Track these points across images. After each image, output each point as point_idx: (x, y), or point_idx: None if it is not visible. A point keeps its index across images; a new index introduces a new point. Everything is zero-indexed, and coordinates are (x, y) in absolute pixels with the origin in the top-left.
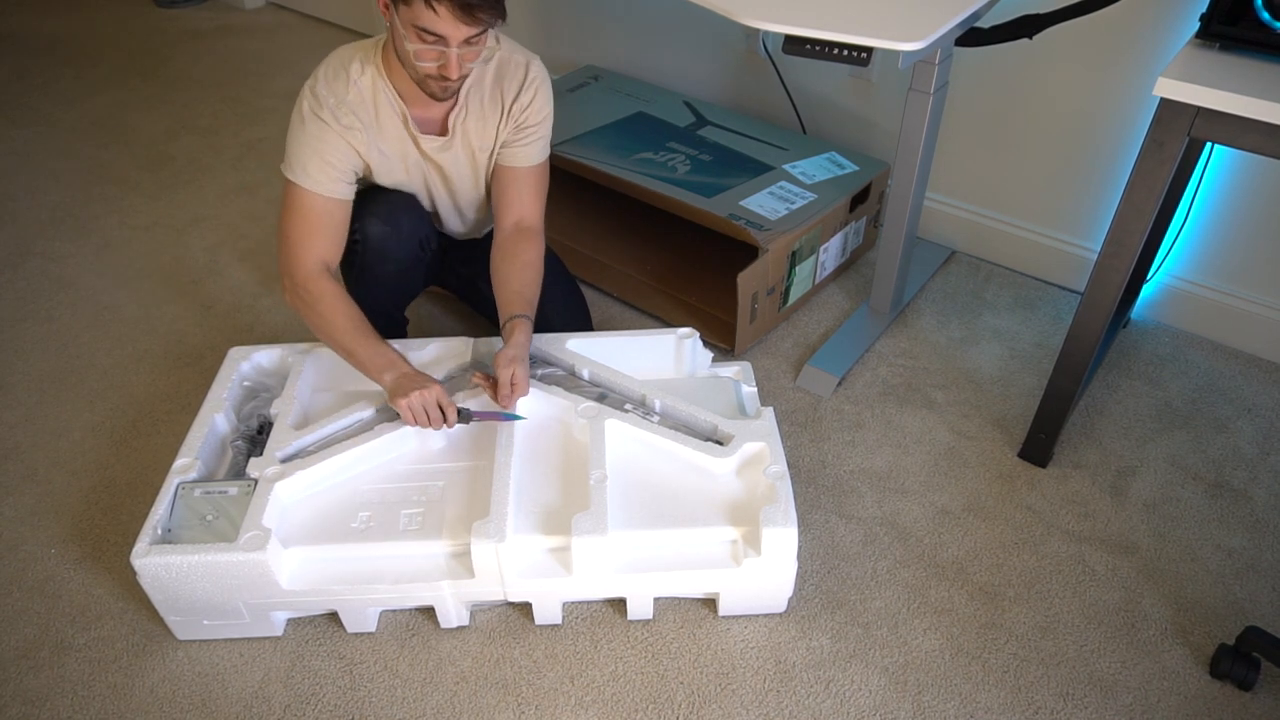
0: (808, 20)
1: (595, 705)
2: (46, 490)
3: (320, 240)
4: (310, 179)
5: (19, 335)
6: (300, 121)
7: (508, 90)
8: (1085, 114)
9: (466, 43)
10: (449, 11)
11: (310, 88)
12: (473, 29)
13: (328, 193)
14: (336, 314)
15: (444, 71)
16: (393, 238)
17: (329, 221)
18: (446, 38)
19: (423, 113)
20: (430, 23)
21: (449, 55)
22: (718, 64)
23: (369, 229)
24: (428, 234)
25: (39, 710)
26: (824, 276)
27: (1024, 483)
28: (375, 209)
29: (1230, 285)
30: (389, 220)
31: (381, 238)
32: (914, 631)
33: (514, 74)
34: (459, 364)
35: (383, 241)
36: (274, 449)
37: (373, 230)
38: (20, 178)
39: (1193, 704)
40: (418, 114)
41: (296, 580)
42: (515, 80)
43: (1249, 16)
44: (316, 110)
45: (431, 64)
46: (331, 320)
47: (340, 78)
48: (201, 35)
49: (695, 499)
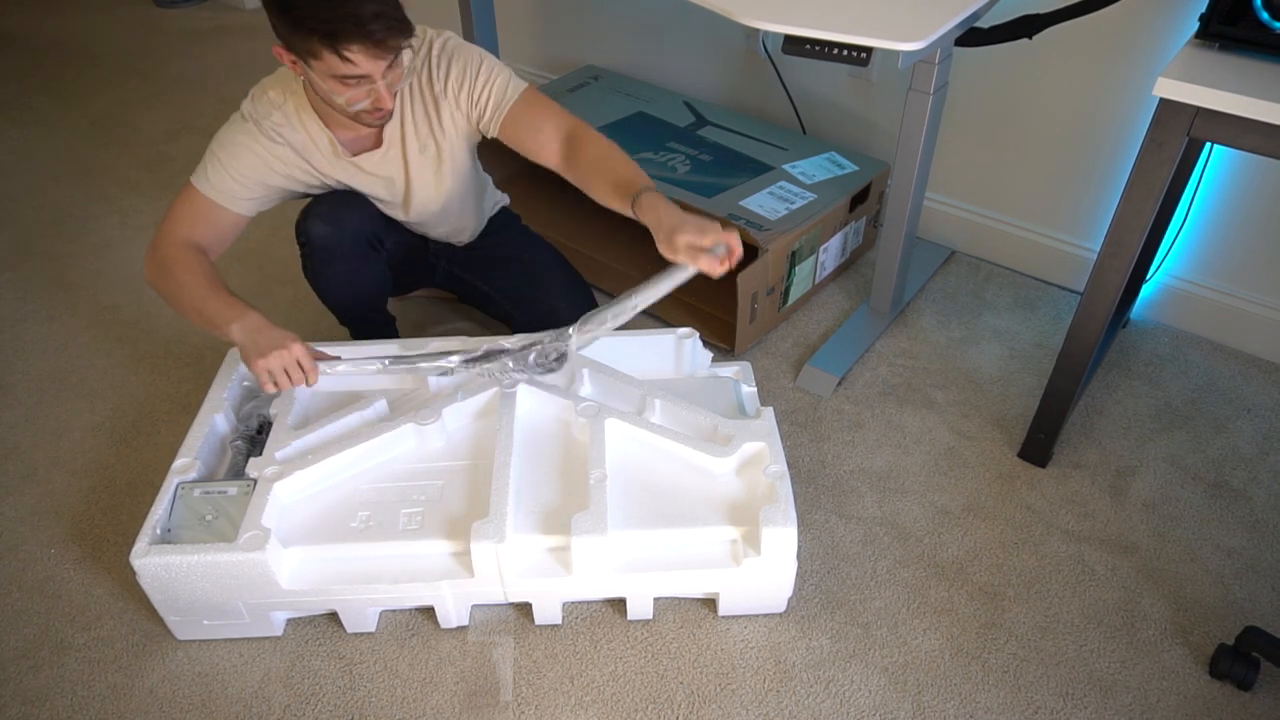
0: (808, 20)
1: (595, 705)
2: (46, 490)
3: (196, 229)
4: (208, 184)
5: (19, 335)
6: (225, 131)
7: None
8: (1085, 114)
9: (389, 68)
10: (362, 52)
11: (241, 110)
12: (389, 56)
13: (218, 199)
14: (186, 273)
15: (378, 104)
16: (335, 236)
17: (210, 221)
18: (369, 75)
19: (350, 134)
20: (348, 69)
21: (378, 88)
22: (718, 64)
23: (311, 229)
24: (376, 230)
25: (39, 710)
26: (824, 276)
27: (1024, 483)
28: (317, 209)
29: (1230, 285)
30: (330, 219)
31: (324, 237)
32: (914, 631)
33: (422, 63)
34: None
35: (325, 240)
36: (273, 449)
37: (315, 230)
38: (20, 178)
39: (1192, 704)
40: (345, 136)
41: (296, 580)
42: (425, 66)
43: (1249, 16)
44: (244, 123)
45: (365, 102)
46: (181, 281)
47: (262, 102)
48: (201, 35)
49: (695, 499)
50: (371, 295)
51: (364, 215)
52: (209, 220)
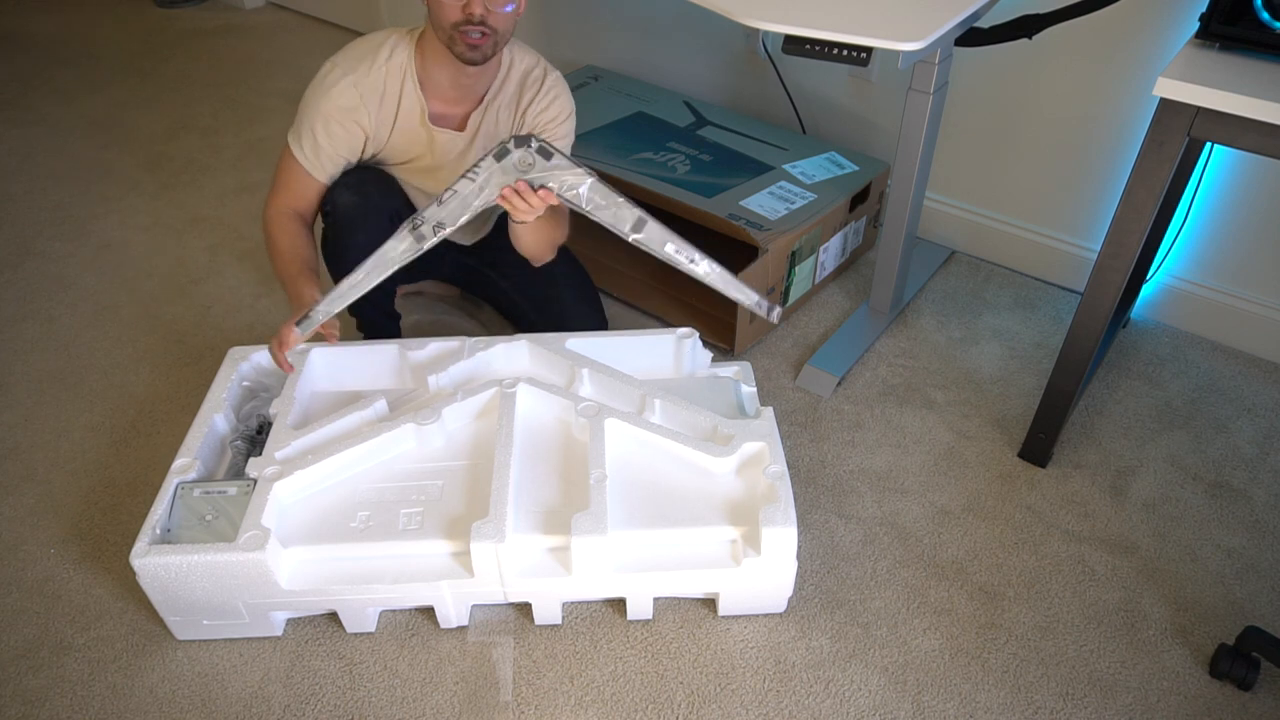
0: (808, 20)
1: (595, 705)
2: (46, 490)
3: (292, 199)
4: (303, 154)
5: (19, 335)
6: (315, 91)
7: (525, 97)
8: (1085, 114)
9: None
10: None
11: (332, 62)
12: None
13: (311, 170)
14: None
15: (468, 11)
16: (361, 206)
17: (303, 191)
18: None
19: (442, 109)
20: None
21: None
22: (718, 64)
23: (338, 199)
24: (399, 208)
25: (38, 710)
26: (824, 276)
27: (1024, 483)
28: (346, 180)
29: (1230, 285)
30: (358, 191)
31: (351, 206)
32: (914, 631)
33: (533, 85)
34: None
35: (351, 210)
36: (273, 449)
37: (342, 199)
38: (20, 178)
39: (1193, 704)
40: (437, 109)
41: (296, 580)
42: (533, 90)
43: (1249, 16)
44: (334, 81)
45: (456, 8)
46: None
47: (366, 60)
48: (201, 35)
49: (695, 499)
50: (388, 289)
51: (389, 191)
52: (305, 188)
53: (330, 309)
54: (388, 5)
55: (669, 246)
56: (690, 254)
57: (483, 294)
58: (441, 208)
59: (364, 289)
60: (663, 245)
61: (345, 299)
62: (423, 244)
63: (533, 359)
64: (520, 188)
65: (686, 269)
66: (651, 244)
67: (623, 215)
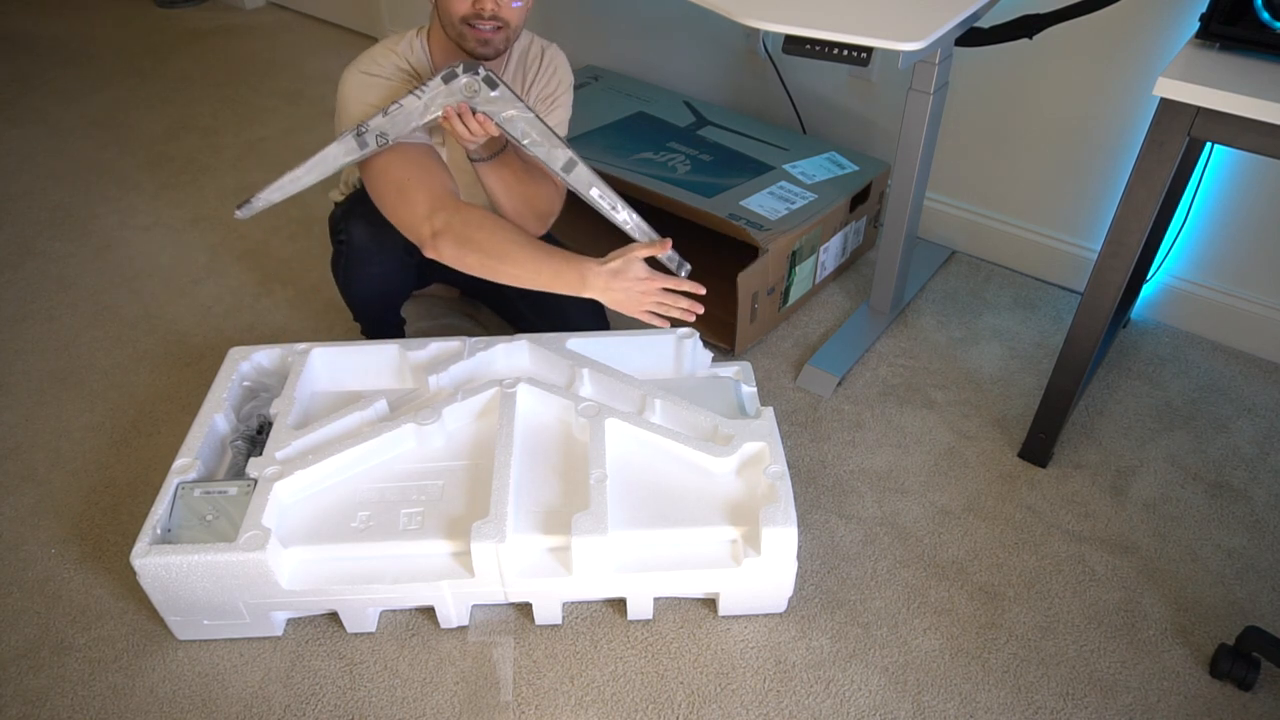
0: (808, 20)
1: (595, 705)
2: (46, 490)
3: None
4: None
5: (19, 335)
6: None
7: (527, 77)
8: (1085, 114)
9: None
10: None
11: (353, 65)
12: None
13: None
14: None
15: (478, 7)
16: (376, 240)
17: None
18: None
19: None
20: None
21: None
22: (718, 64)
23: (354, 231)
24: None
25: (39, 710)
26: (824, 276)
27: (1024, 483)
28: (362, 211)
29: (1230, 285)
30: (375, 222)
31: (366, 240)
32: (914, 631)
33: (533, 62)
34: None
35: (367, 243)
36: (274, 449)
37: (358, 233)
38: (20, 178)
39: (1193, 704)
40: None
41: (296, 580)
42: (534, 67)
43: (1249, 16)
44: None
45: (466, 3)
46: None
47: (386, 57)
48: (201, 35)
49: (695, 499)
50: (399, 299)
51: None
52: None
53: (270, 198)
54: (388, 5)
55: (594, 190)
56: (613, 201)
57: (483, 296)
58: (387, 118)
59: (304, 184)
60: (589, 189)
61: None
62: (365, 150)
63: (533, 359)
64: (461, 109)
65: (607, 214)
66: (579, 185)
67: (555, 155)
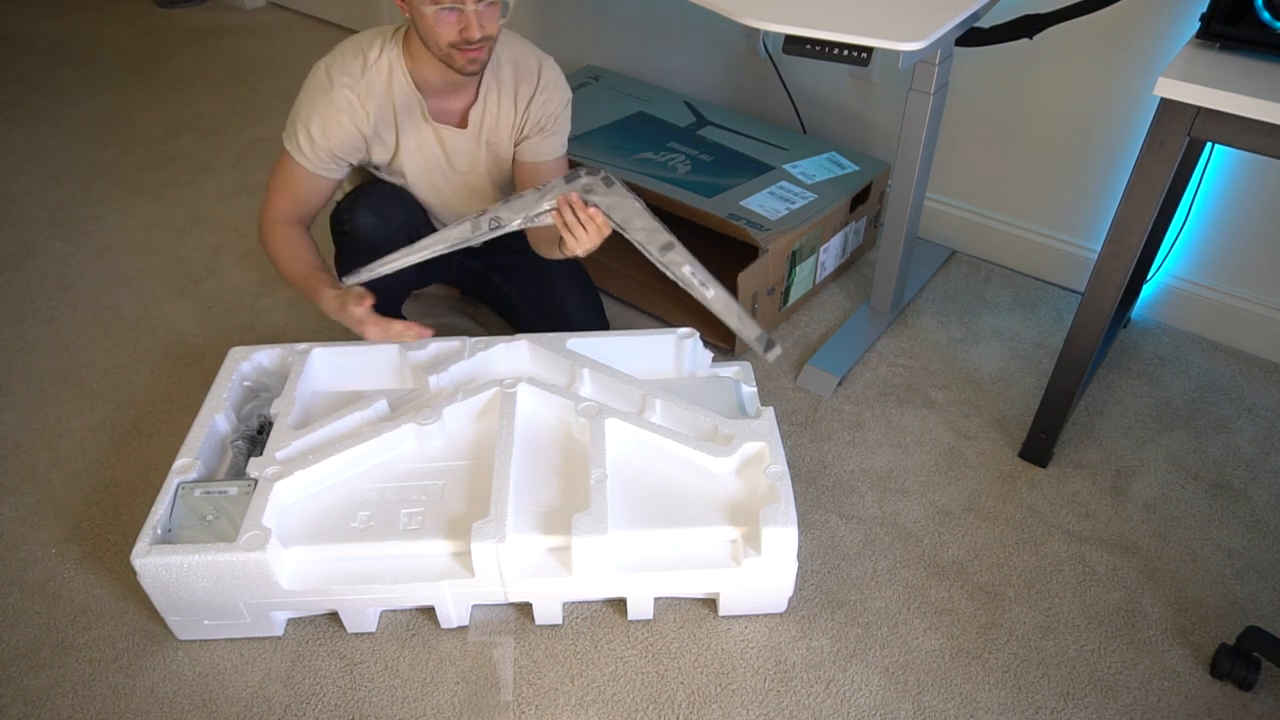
0: (808, 20)
1: (595, 705)
2: (46, 490)
3: (290, 204)
4: (301, 154)
5: (19, 335)
6: (309, 92)
7: (522, 90)
8: (1085, 114)
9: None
10: None
11: (325, 65)
12: None
13: (311, 168)
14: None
15: (465, 34)
16: (381, 230)
17: (304, 193)
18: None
19: (440, 104)
20: None
21: (467, 15)
22: (718, 64)
23: (358, 220)
24: (418, 229)
25: (39, 710)
26: (824, 276)
27: (1024, 483)
28: (366, 200)
29: (1230, 285)
30: (378, 212)
31: (370, 229)
32: (914, 631)
33: (528, 76)
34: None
35: (371, 233)
36: (274, 449)
37: (362, 221)
38: (20, 178)
39: (1193, 704)
40: (435, 105)
41: (296, 580)
42: (530, 82)
43: (1249, 16)
44: (328, 83)
45: (452, 29)
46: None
47: (358, 60)
48: (201, 35)
49: (695, 499)
50: (402, 291)
51: (409, 212)
52: (303, 192)
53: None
54: (388, 5)
55: (686, 268)
56: (704, 278)
57: (484, 296)
58: (505, 205)
59: (416, 258)
60: (682, 267)
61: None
62: (477, 233)
63: (533, 359)
64: (573, 199)
65: (698, 293)
66: (673, 264)
67: (656, 238)
